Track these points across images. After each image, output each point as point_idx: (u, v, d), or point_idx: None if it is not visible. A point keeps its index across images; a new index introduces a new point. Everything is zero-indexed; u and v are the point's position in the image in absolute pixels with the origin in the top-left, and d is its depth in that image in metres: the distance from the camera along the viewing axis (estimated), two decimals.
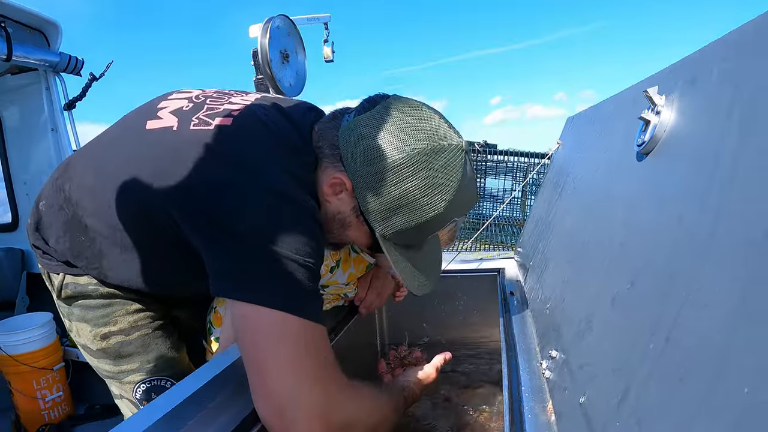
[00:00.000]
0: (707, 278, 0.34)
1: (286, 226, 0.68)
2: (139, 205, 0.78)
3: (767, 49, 0.37)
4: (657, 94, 0.55)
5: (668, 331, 0.36)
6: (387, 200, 0.74)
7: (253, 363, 0.66)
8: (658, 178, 0.51)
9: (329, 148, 0.77)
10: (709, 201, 0.38)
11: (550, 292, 0.84)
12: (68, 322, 0.97)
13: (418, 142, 0.71)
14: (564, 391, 0.57)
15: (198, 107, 0.82)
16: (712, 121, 0.43)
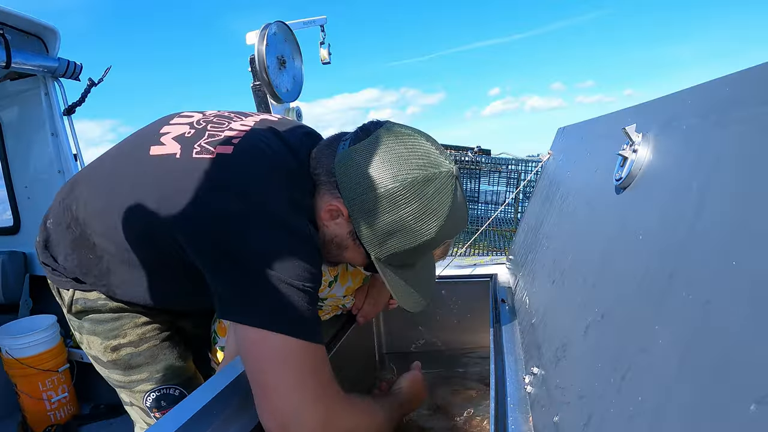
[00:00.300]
0: (663, 321, 0.40)
1: (286, 254, 0.73)
2: (145, 228, 0.83)
3: (734, 107, 0.42)
4: (635, 132, 0.60)
5: (625, 370, 0.42)
6: (382, 226, 0.78)
7: (259, 383, 0.72)
8: (632, 214, 0.56)
9: (326, 175, 0.82)
10: (675, 241, 0.43)
11: (536, 308, 0.89)
12: (78, 335, 1.02)
13: (410, 170, 0.76)
14: (542, 408, 0.62)
15: (199, 134, 0.86)
16: (682, 164, 0.48)
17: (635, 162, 0.57)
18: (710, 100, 0.47)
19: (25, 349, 2.12)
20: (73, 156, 2.50)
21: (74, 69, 2.45)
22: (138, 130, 0.98)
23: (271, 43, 2.14)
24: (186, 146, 0.84)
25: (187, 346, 1.08)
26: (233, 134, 0.85)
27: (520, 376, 0.80)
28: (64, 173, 2.48)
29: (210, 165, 0.79)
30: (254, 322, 0.71)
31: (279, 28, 2.21)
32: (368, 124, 0.84)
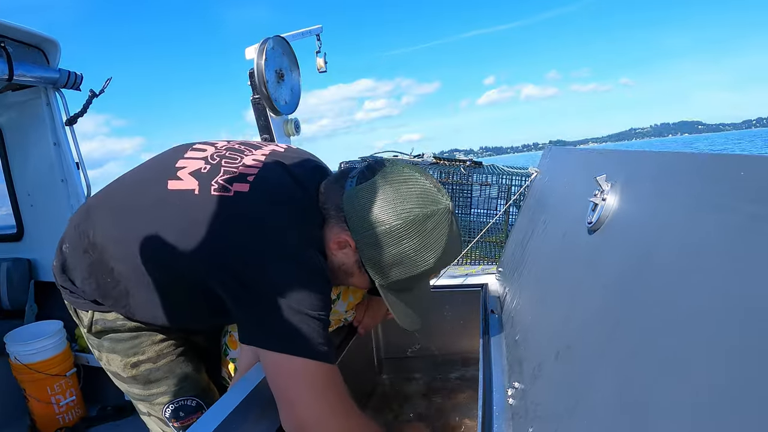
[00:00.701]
0: (609, 359, 0.49)
1: (302, 286, 0.83)
2: (166, 258, 0.90)
3: (685, 183, 0.51)
4: (605, 181, 0.69)
5: (579, 396, 0.51)
6: (386, 258, 0.88)
7: (284, 399, 0.83)
8: (597, 256, 0.66)
9: (335, 210, 0.91)
10: (627, 287, 0.52)
11: (519, 325, 0.98)
12: (98, 352, 1.10)
13: (412, 209, 0.85)
14: (520, 419, 0.72)
15: (215, 170, 0.94)
16: (640, 218, 0.57)
17: (604, 209, 0.66)
18: (669, 168, 0.56)
19: (34, 354, 2.20)
20: (75, 164, 2.56)
21: (75, 79, 2.51)
22: (152, 160, 1.06)
23: (269, 57, 2.21)
24: (204, 183, 0.92)
25: (200, 358, 1.17)
26: (247, 171, 0.94)
27: (505, 387, 0.89)
28: (67, 182, 2.55)
29: (229, 202, 0.88)
30: (276, 347, 0.81)
31: (276, 42, 2.28)
32: (372, 163, 0.94)
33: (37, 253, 2.70)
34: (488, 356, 1.05)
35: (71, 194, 2.55)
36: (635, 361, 0.44)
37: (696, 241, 0.42)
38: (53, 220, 2.61)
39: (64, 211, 2.56)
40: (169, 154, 1.03)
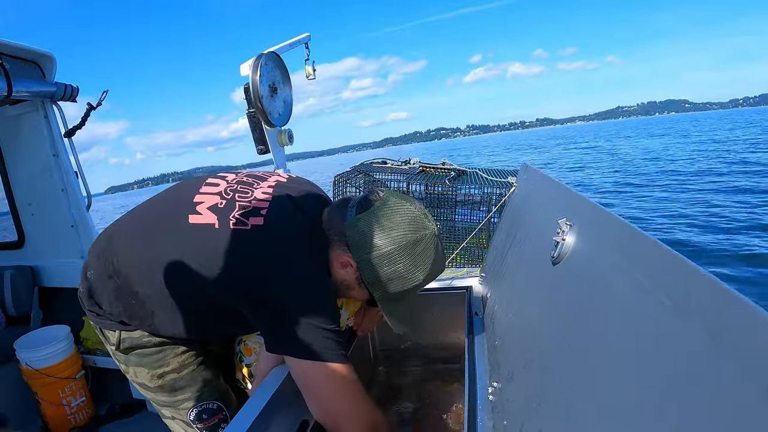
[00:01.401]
0: (559, 375, 0.65)
1: (317, 305, 1.01)
2: (192, 284, 1.04)
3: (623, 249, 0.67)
4: (566, 223, 0.85)
5: (540, 400, 0.67)
6: (382, 276, 1.05)
7: (315, 397, 1.01)
8: (558, 285, 0.82)
9: (338, 235, 1.07)
10: (591, 301, 0.68)
11: (497, 331, 1.15)
12: (125, 366, 1.22)
13: (404, 235, 1.02)
14: (498, 413, 0.88)
15: (230, 204, 1.08)
16: (594, 249, 0.73)
17: (564, 246, 0.82)
18: (614, 236, 0.72)
19: (45, 360, 2.31)
20: (75, 174, 2.66)
21: (71, 92, 2.60)
22: (168, 193, 1.20)
23: (263, 73, 2.32)
24: (222, 217, 1.06)
25: (217, 365, 1.31)
26: (260, 205, 1.09)
27: (486, 385, 1.05)
28: (67, 191, 2.64)
29: (247, 236, 1.03)
30: (302, 356, 0.99)
31: (269, 57, 2.39)
32: (368, 195, 1.10)
33: (40, 260, 2.80)
34: (473, 356, 1.20)
35: (72, 203, 2.65)
36: (576, 374, 0.60)
37: (614, 290, 0.58)
38: (55, 227, 2.71)
39: (65, 218, 2.67)
40: (185, 189, 1.16)
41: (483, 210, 2.01)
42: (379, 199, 1.07)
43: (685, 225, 7.30)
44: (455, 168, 2.17)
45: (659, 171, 14.65)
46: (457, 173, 2.14)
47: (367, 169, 2.34)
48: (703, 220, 7.45)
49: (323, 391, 1.01)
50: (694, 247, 6.22)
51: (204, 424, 1.24)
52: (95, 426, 2.46)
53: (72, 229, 2.67)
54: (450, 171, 2.13)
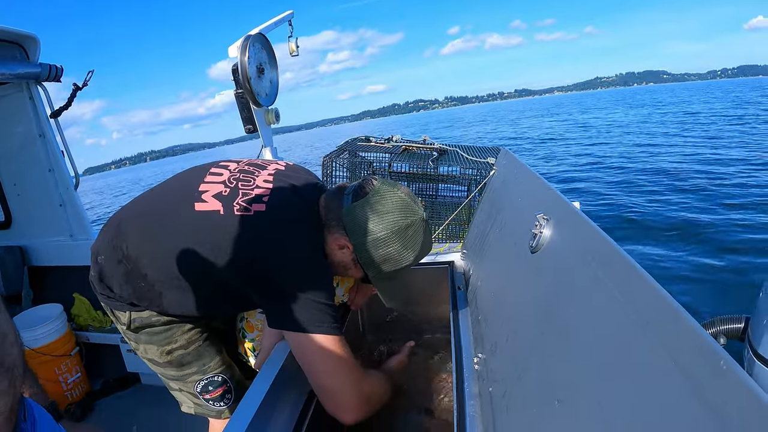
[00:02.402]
0: (539, 346, 0.76)
1: (315, 283, 1.10)
2: (200, 268, 1.13)
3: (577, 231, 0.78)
4: (543, 217, 0.96)
5: (522, 369, 0.79)
6: (377, 258, 1.16)
7: (311, 368, 1.11)
8: (536, 272, 0.93)
9: (335, 220, 1.17)
10: (564, 289, 0.79)
11: (480, 306, 1.27)
12: (135, 344, 1.30)
13: (396, 220, 1.13)
14: (483, 381, 1.01)
15: (234, 192, 1.17)
16: (567, 244, 0.85)
17: (541, 238, 0.93)
18: (582, 235, 0.83)
19: (40, 339, 2.37)
20: (61, 153, 2.68)
21: (56, 72, 2.60)
22: (174, 181, 1.27)
23: (251, 54, 2.37)
24: (227, 204, 1.14)
25: (221, 340, 1.41)
26: (262, 192, 1.18)
27: (472, 356, 1.18)
28: (54, 171, 2.67)
29: (251, 221, 1.12)
30: (300, 329, 1.08)
31: (256, 39, 2.43)
32: (363, 183, 1.20)
33: (28, 239, 2.83)
34: (458, 328, 1.32)
35: (59, 182, 2.68)
36: (550, 349, 0.72)
37: (580, 282, 0.69)
38: (43, 207, 2.74)
39: (53, 198, 2.70)
40: (190, 178, 1.24)
41: (464, 188, 2.12)
42: (373, 188, 1.17)
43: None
44: (436, 147, 2.27)
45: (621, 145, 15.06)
46: (438, 152, 2.24)
47: (352, 147, 2.43)
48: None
49: (318, 362, 1.09)
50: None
51: (210, 395, 1.34)
52: (91, 401, 2.54)
53: (60, 209, 2.71)
54: (432, 150, 2.22)
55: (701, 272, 4.51)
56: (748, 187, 7.46)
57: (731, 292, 4.00)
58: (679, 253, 5.04)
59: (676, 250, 5.15)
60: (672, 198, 7.39)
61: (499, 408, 0.86)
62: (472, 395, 1.02)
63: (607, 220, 6.54)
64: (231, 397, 1.38)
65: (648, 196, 7.64)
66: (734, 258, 4.70)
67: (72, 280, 2.72)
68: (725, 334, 1.57)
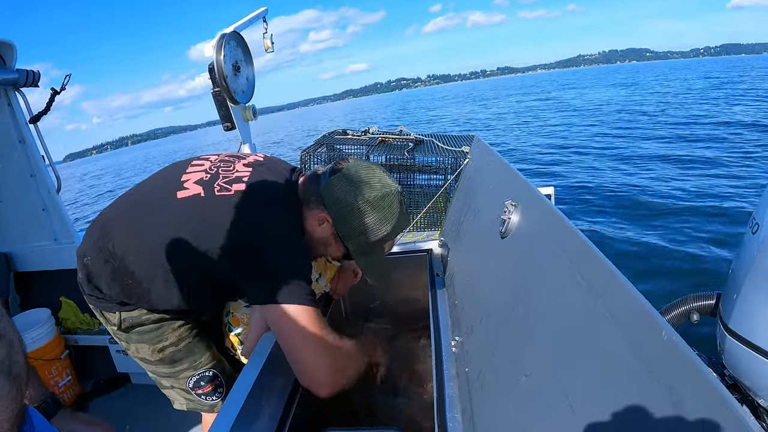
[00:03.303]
0: (510, 325, 0.82)
1: (291, 260, 1.14)
2: (184, 256, 1.15)
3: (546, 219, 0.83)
4: (511, 204, 1.01)
5: (494, 348, 0.85)
6: (355, 228, 1.20)
7: (288, 343, 1.13)
8: (505, 255, 0.99)
9: (314, 196, 1.22)
10: (531, 272, 0.85)
11: (457, 291, 1.33)
12: (126, 344, 1.33)
13: (371, 192, 1.18)
14: (460, 362, 1.06)
15: (215, 177, 1.21)
16: (533, 229, 0.90)
17: (510, 223, 0.99)
18: (548, 221, 0.88)
19: (31, 343, 2.36)
20: (42, 157, 2.67)
21: (33, 78, 2.58)
22: (157, 177, 1.30)
23: (227, 53, 2.38)
24: (207, 187, 1.18)
25: (210, 335, 1.44)
26: (241, 175, 1.22)
27: (449, 340, 1.23)
28: (36, 176, 2.66)
29: (231, 201, 1.16)
30: (276, 301, 1.10)
31: (232, 37, 2.44)
32: (339, 161, 1.25)
33: (12, 245, 2.82)
34: (436, 313, 1.38)
35: (41, 187, 2.67)
36: (518, 328, 0.77)
37: (547, 267, 0.75)
38: (25, 212, 2.73)
39: (35, 203, 2.69)
40: (173, 172, 1.27)
41: (440, 177, 2.17)
42: (348, 164, 1.23)
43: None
44: (412, 138, 2.32)
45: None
46: (414, 143, 2.29)
47: (329, 141, 2.47)
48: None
49: (294, 335, 1.11)
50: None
51: (203, 390, 1.38)
52: (83, 403, 2.55)
53: (43, 213, 2.70)
54: (408, 141, 2.27)
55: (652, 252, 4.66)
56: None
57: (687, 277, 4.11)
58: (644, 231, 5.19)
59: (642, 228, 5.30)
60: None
61: (475, 387, 0.92)
62: (451, 377, 1.08)
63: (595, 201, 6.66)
64: (223, 391, 1.41)
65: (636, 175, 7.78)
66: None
67: (58, 283, 2.72)
68: (698, 310, 1.60)
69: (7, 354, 0.45)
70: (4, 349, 0.45)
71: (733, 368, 1.28)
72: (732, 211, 5.44)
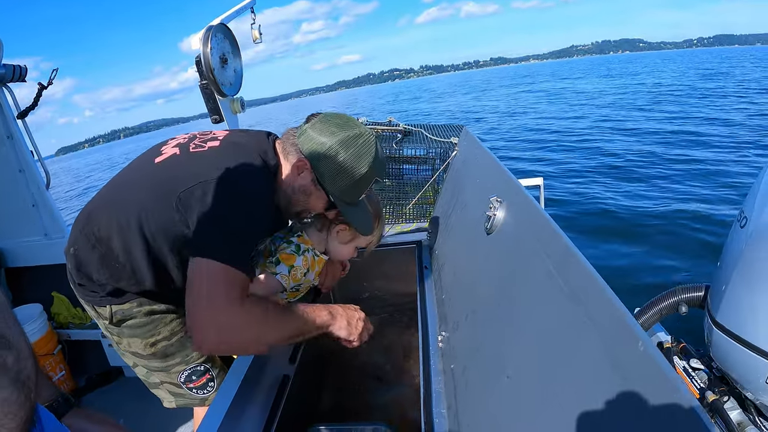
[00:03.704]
0: (496, 322, 0.82)
1: (248, 214, 1.10)
2: (160, 225, 1.14)
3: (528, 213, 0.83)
4: (497, 200, 1.00)
5: (479, 344, 0.84)
6: (332, 168, 1.20)
7: (194, 291, 1.05)
8: (491, 252, 0.98)
9: (292, 146, 1.23)
10: (514, 271, 0.84)
11: (444, 286, 1.32)
12: (118, 338, 1.32)
13: (345, 131, 1.19)
14: (446, 358, 1.06)
15: (191, 139, 1.23)
16: (517, 227, 0.89)
17: (495, 219, 0.98)
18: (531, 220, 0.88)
19: None
20: (30, 152, 2.65)
21: (20, 72, 2.55)
22: (139, 157, 1.29)
23: (213, 45, 2.36)
24: (183, 147, 1.20)
25: None
26: (217, 135, 1.24)
27: (437, 335, 1.23)
28: (25, 171, 2.65)
29: (204, 154, 1.16)
30: (208, 255, 1.05)
31: (219, 29, 2.41)
32: (314, 113, 1.27)
33: (2, 241, 2.81)
34: (424, 307, 1.37)
35: (30, 182, 2.66)
36: (502, 327, 0.77)
37: (531, 266, 0.74)
38: (15, 208, 2.72)
39: (25, 199, 2.68)
40: (155, 147, 1.29)
41: (429, 168, 2.16)
42: (321, 113, 1.26)
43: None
44: (401, 129, 2.31)
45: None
46: (402, 134, 2.28)
47: None
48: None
49: (202, 285, 1.04)
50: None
51: (194, 384, 1.38)
52: (77, 398, 2.55)
53: (33, 209, 2.69)
54: (396, 132, 2.26)
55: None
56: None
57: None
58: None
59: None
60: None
61: (460, 383, 0.92)
62: (438, 372, 1.08)
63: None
64: (214, 385, 1.41)
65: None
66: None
67: (49, 278, 2.71)
68: (687, 302, 1.62)
69: (15, 361, 0.45)
70: (12, 357, 0.45)
71: (721, 361, 1.28)
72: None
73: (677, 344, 1.55)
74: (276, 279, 1.38)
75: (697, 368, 1.43)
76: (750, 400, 1.27)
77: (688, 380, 1.41)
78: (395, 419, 1.37)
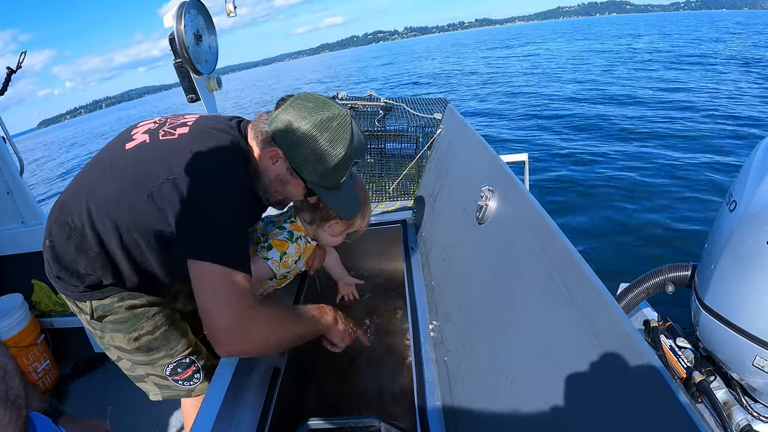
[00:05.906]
0: (490, 314, 0.80)
1: (229, 210, 1.09)
2: (129, 208, 1.11)
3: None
4: (488, 189, 0.98)
5: (474, 339, 0.83)
6: (307, 154, 1.15)
7: (202, 302, 1.06)
8: (482, 242, 0.97)
9: (263, 135, 1.18)
10: (508, 265, 0.83)
11: (433, 272, 1.31)
12: (101, 333, 1.29)
13: (318, 113, 1.13)
14: (438, 348, 1.06)
15: (161, 125, 1.19)
16: (509, 214, 0.88)
17: (487, 209, 0.96)
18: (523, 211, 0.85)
19: (5, 331, 2.31)
20: (2, 139, 2.56)
21: None
22: (109, 143, 1.25)
23: (187, 22, 2.26)
24: (153, 134, 1.16)
25: (185, 321, 1.41)
26: (187, 120, 1.20)
27: (427, 322, 1.22)
28: None
29: (173, 142, 1.13)
30: (199, 255, 1.04)
31: (192, 5, 2.31)
32: (284, 96, 1.22)
33: None
34: (413, 292, 1.35)
35: (4, 170, 2.57)
36: (498, 323, 0.76)
37: (524, 259, 0.72)
38: None
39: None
40: (126, 131, 1.25)
41: (412, 144, 2.13)
42: (291, 97, 1.20)
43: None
44: (382, 105, 2.26)
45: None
46: (384, 110, 2.23)
47: None
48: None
49: (209, 295, 1.05)
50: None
51: (180, 377, 1.36)
52: (64, 386, 2.52)
53: (8, 196, 2.61)
54: (377, 107, 2.21)
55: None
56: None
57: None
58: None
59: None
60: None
61: (455, 378, 0.92)
62: (430, 360, 1.08)
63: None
64: (200, 376, 1.40)
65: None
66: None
67: (29, 266, 2.64)
68: (673, 281, 1.61)
69: (2, 380, 0.44)
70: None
71: (707, 341, 1.30)
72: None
73: (663, 323, 1.57)
74: (267, 264, 1.36)
75: (683, 347, 1.45)
76: (735, 380, 1.29)
77: (675, 359, 1.42)
78: (388, 410, 1.37)
